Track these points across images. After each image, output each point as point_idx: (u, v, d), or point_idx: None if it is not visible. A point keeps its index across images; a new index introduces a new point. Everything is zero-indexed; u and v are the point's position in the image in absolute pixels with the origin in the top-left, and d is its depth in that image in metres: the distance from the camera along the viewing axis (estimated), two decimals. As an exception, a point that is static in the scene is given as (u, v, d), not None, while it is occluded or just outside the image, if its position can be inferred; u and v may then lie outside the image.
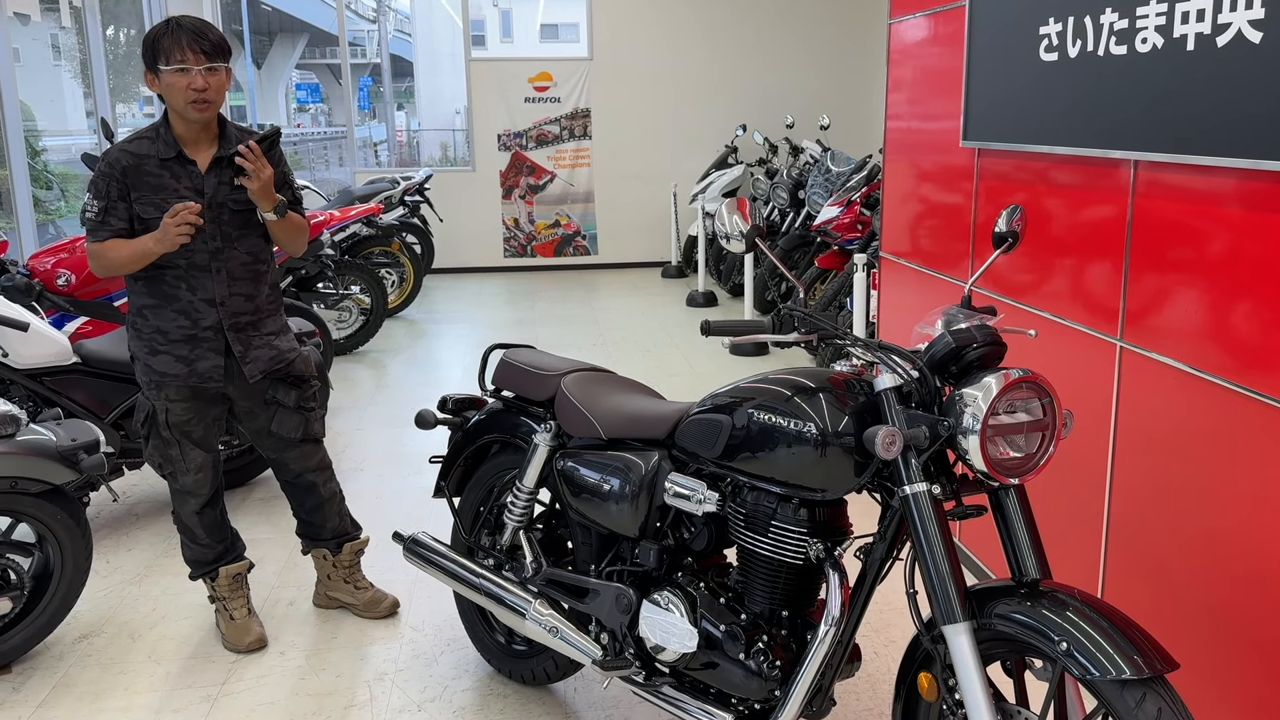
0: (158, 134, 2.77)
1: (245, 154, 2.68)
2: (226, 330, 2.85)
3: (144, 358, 2.85)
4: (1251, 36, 1.98)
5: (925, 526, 1.81)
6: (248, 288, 2.88)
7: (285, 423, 3.02)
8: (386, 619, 3.24)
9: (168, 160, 2.75)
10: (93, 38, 7.70)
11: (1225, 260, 2.17)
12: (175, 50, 2.65)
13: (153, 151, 2.75)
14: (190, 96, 2.67)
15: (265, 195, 2.75)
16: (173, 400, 2.87)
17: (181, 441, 2.91)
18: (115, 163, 2.72)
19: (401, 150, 23.28)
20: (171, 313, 2.81)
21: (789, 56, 10.04)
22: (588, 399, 2.51)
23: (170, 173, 2.75)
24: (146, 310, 2.83)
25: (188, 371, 2.84)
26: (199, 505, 3.00)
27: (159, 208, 2.72)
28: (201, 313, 2.82)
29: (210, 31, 2.69)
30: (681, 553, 2.32)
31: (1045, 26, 2.73)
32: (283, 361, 2.98)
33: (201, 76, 2.67)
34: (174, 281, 2.80)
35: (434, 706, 2.77)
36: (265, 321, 2.94)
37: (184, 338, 2.82)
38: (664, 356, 6.65)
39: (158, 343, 2.83)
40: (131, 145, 2.75)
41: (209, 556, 3.08)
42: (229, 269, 2.84)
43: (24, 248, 6.24)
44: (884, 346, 1.90)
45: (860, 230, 5.88)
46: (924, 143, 3.64)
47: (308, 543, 3.26)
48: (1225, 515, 2.20)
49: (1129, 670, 1.59)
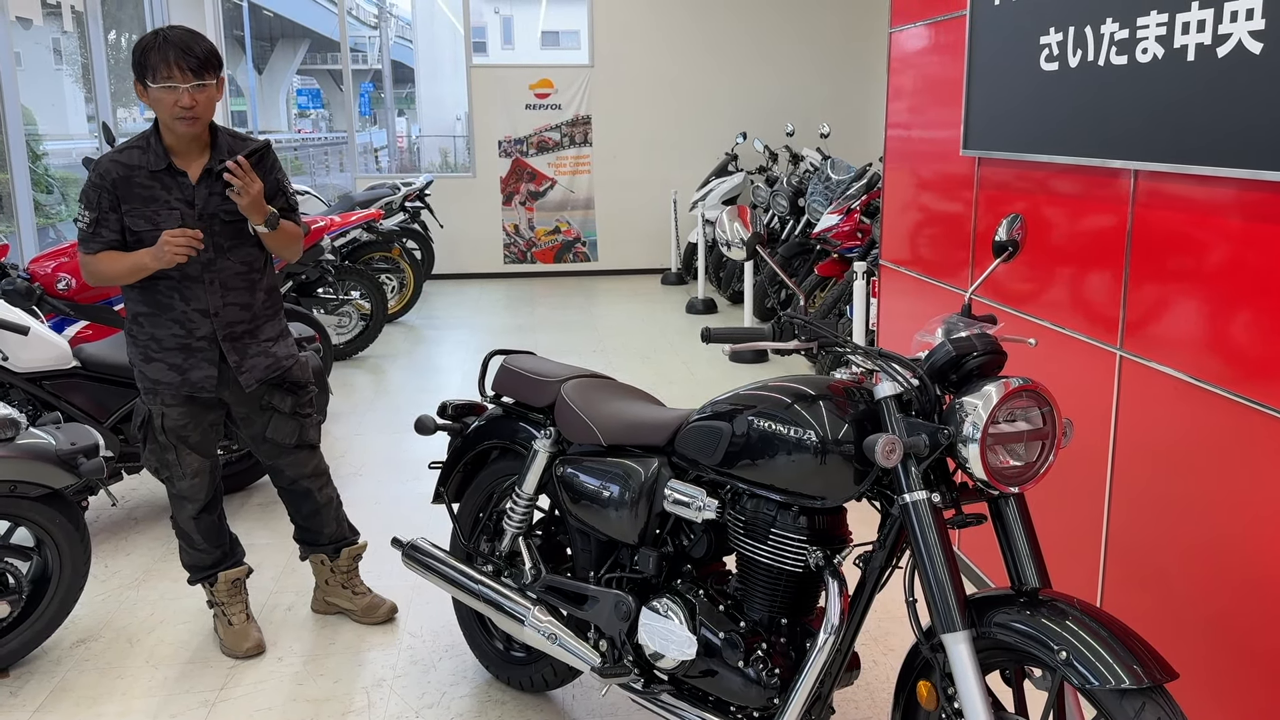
0: (149, 143, 2.73)
1: (234, 169, 2.63)
2: (221, 340, 2.83)
3: (138, 364, 2.85)
4: (1252, 47, 1.99)
5: (925, 535, 1.81)
6: (243, 296, 2.86)
7: (280, 428, 3.02)
8: (385, 624, 3.23)
9: (158, 172, 2.72)
10: (94, 42, 7.71)
11: (1225, 270, 2.18)
12: (162, 67, 2.60)
13: (143, 162, 2.71)
14: (177, 113, 2.63)
15: (256, 209, 2.71)
16: (168, 405, 2.87)
17: (178, 446, 2.91)
18: (106, 174, 2.69)
19: (402, 156, 23.32)
20: (166, 321, 2.80)
21: (790, 65, 10.06)
22: (588, 405, 2.51)
23: (161, 184, 2.72)
24: (142, 318, 2.83)
25: (180, 380, 2.83)
26: (196, 510, 3.00)
27: (150, 220, 2.71)
28: (195, 323, 2.81)
29: (198, 46, 2.63)
30: (681, 560, 2.32)
31: (1046, 36, 2.74)
32: (280, 369, 2.96)
33: (189, 94, 2.62)
34: (168, 291, 2.78)
35: (432, 713, 2.76)
36: (262, 328, 2.92)
37: (178, 346, 2.81)
38: (664, 363, 6.65)
39: (152, 350, 2.82)
40: (122, 155, 2.72)
41: (207, 561, 3.08)
42: (222, 279, 2.81)
43: (24, 251, 6.24)
44: (884, 354, 1.90)
45: (860, 238, 5.89)
46: (924, 151, 3.65)
47: (305, 548, 3.26)
48: (1225, 525, 2.20)
49: (1128, 680, 1.59)
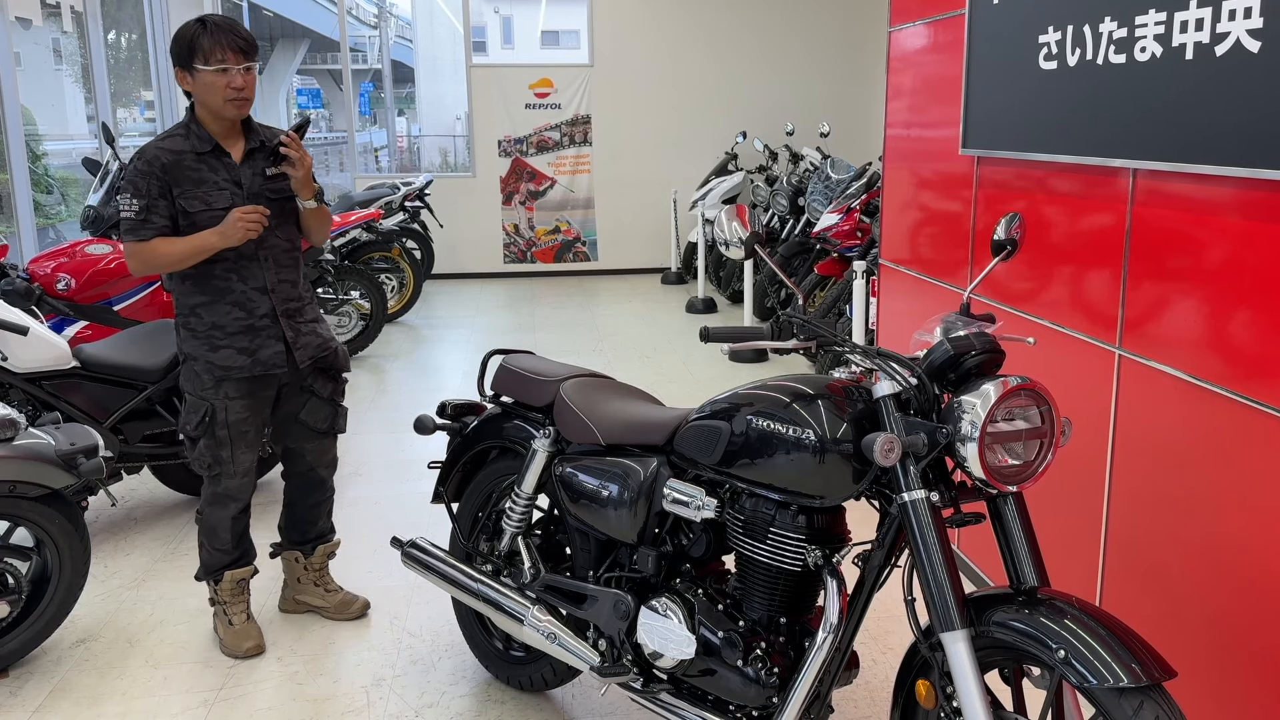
0: (188, 131, 2.81)
1: (289, 144, 2.76)
2: (280, 316, 2.91)
3: (204, 355, 2.87)
4: (1250, 46, 1.99)
5: (923, 534, 1.81)
6: (291, 274, 2.96)
7: (315, 412, 3.08)
8: (384, 624, 3.24)
9: (204, 154, 2.81)
10: (94, 42, 7.71)
11: (1224, 269, 2.18)
12: (216, 50, 2.70)
13: (187, 147, 2.80)
14: (230, 95, 2.74)
15: (306, 184, 2.84)
16: (231, 398, 2.89)
17: (235, 442, 2.93)
18: (154, 160, 2.76)
19: (402, 156, 23.31)
20: (225, 305, 2.86)
21: (789, 64, 10.06)
22: (587, 405, 2.51)
23: (208, 166, 2.81)
24: (199, 308, 2.87)
25: (251, 362, 2.88)
26: (238, 510, 3.02)
27: (203, 200, 2.78)
28: (255, 302, 2.88)
29: (243, 30, 2.76)
30: (680, 559, 2.32)
31: (1045, 35, 2.74)
32: (328, 350, 3.06)
33: (240, 75, 2.74)
34: (224, 274, 2.84)
35: (431, 712, 2.76)
36: (306, 309, 3.03)
37: (242, 329, 2.87)
38: (663, 363, 6.65)
39: (216, 338, 2.86)
40: (165, 143, 2.80)
41: (225, 561, 3.08)
42: (274, 256, 2.91)
43: (24, 252, 6.24)
44: (883, 353, 1.90)
45: (860, 237, 5.89)
46: (923, 150, 3.65)
47: (280, 545, 3.27)
48: (1223, 523, 2.20)
49: (1127, 678, 1.59)
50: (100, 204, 5.67)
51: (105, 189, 5.71)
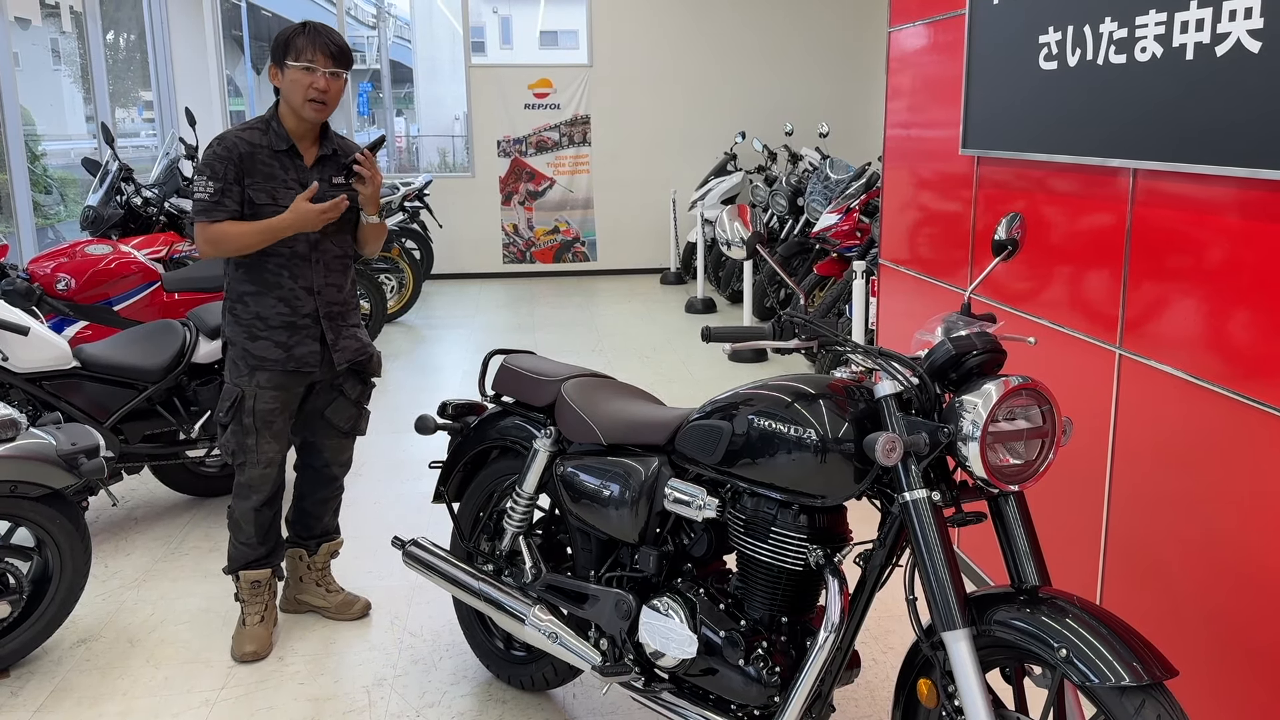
0: (268, 127, 2.88)
1: (364, 160, 2.86)
2: (323, 318, 2.96)
3: (242, 342, 2.93)
4: (1250, 46, 1.99)
5: (925, 533, 1.82)
6: (339, 279, 3.02)
7: (340, 412, 3.13)
8: (385, 624, 3.24)
9: (280, 152, 2.88)
10: (93, 43, 7.71)
11: (1224, 269, 2.18)
12: (307, 49, 2.79)
13: (264, 142, 2.87)
14: (310, 95, 2.80)
15: (373, 200, 2.94)
16: (262, 388, 2.93)
17: (261, 431, 2.96)
18: (233, 147, 2.82)
19: (401, 156, 23.29)
20: (272, 299, 2.91)
21: (788, 64, 10.06)
22: (588, 405, 2.51)
23: (280, 164, 2.88)
24: (247, 297, 2.92)
25: (285, 356, 2.93)
26: (259, 502, 3.03)
27: (270, 194, 2.85)
28: (301, 300, 2.93)
29: (339, 38, 2.84)
30: (681, 559, 2.32)
31: (1045, 35, 2.75)
32: (365, 355, 3.12)
33: (324, 79, 2.81)
34: (276, 269, 2.90)
35: (433, 712, 2.77)
36: (350, 314, 3.09)
37: (283, 324, 2.92)
38: (663, 362, 6.65)
39: (257, 328, 2.92)
40: (245, 134, 2.86)
41: (249, 556, 3.08)
42: (325, 260, 2.97)
43: (24, 252, 6.24)
44: (883, 353, 1.91)
45: (859, 237, 5.90)
46: (923, 150, 3.65)
47: (286, 541, 3.27)
48: (1224, 522, 2.21)
49: (1128, 677, 1.59)
50: (100, 204, 5.67)
51: (105, 189, 5.71)
